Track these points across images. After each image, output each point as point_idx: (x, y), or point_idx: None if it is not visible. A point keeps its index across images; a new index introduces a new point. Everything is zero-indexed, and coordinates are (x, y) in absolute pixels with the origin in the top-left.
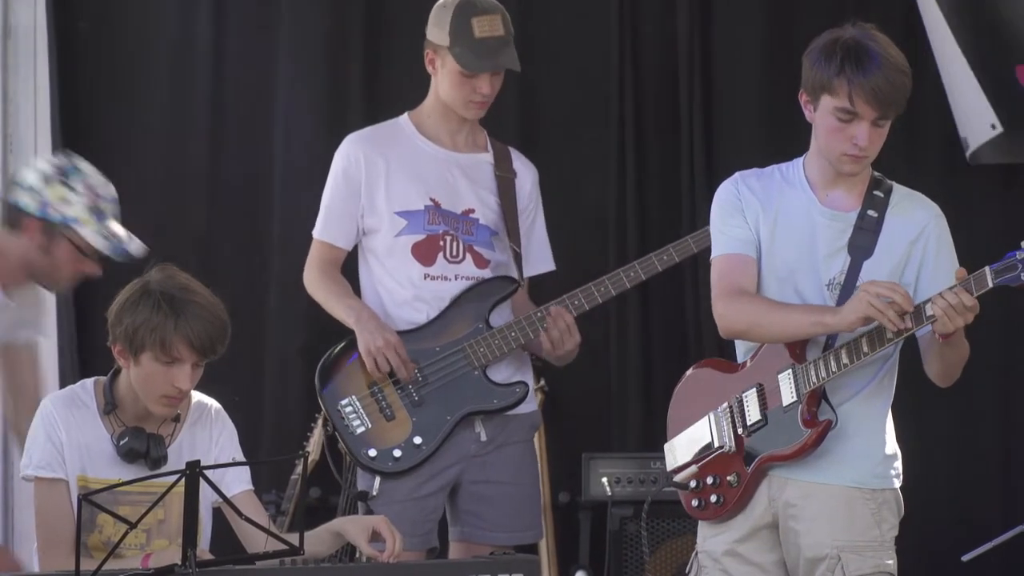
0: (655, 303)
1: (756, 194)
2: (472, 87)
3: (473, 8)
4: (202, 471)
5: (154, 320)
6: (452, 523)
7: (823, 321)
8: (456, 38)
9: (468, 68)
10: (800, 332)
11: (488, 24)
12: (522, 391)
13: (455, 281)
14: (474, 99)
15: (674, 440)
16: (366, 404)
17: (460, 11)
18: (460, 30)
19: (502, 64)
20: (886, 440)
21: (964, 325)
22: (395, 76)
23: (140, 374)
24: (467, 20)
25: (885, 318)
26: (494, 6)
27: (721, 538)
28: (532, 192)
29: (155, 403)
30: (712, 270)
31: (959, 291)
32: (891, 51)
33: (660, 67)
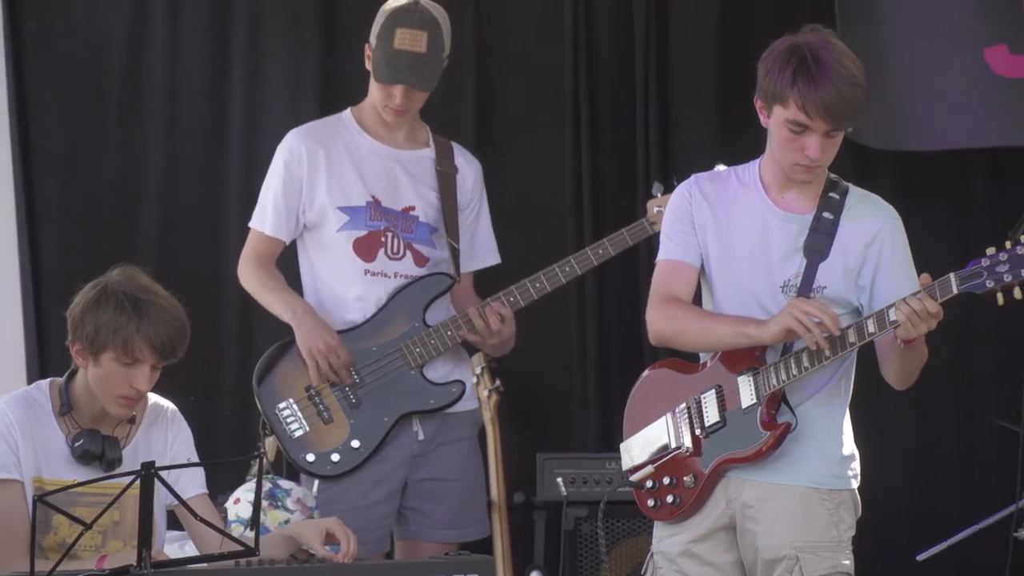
0: (612, 303)
1: (708, 198)
2: (387, 93)
3: (404, 19)
4: (157, 472)
5: (117, 321)
6: (397, 523)
7: (747, 332)
8: (378, 42)
9: (376, 77)
10: (724, 342)
11: (410, 38)
12: (458, 390)
13: (394, 279)
14: (389, 104)
15: (631, 440)
16: (303, 407)
17: (390, 17)
18: (384, 36)
19: (406, 82)
20: (843, 441)
21: (927, 331)
22: (351, 71)
23: (99, 374)
24: (392, 28)
25: (809, 336)
26: (427, 22)
27: (677, 539)
28: (475, 186)
29: (112, 404)
30: (654, 273)
31: (923, 297)
32: (846, 61)
33: (616, 63)
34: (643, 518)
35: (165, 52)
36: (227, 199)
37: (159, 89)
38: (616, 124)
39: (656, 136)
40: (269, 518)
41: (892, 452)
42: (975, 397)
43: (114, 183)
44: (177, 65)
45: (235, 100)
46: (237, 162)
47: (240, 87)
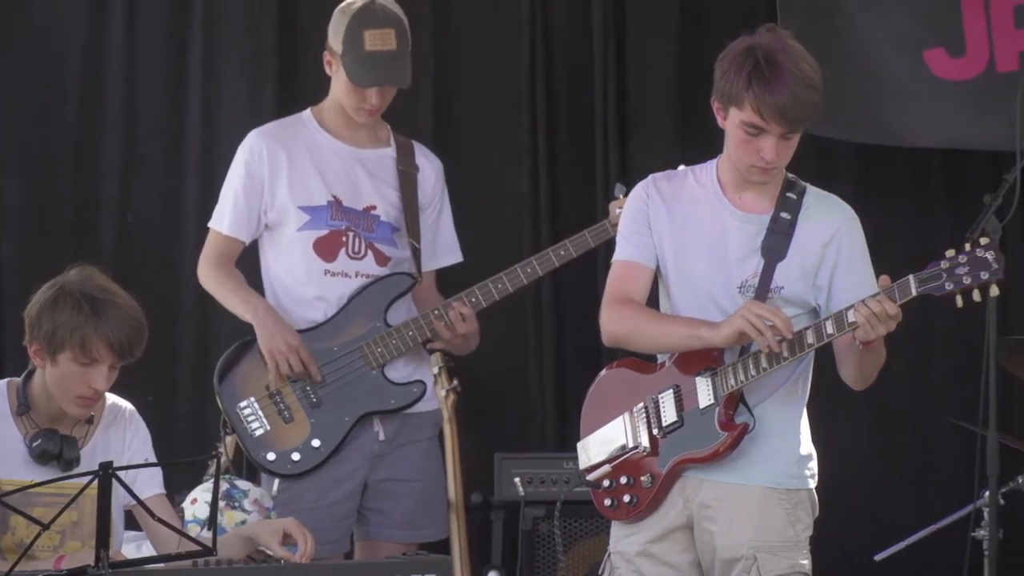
0: (570, 303)
1: (665, 198)
2: (362, 96)
3: (368, 20)
4: (115, 472)
5: (75, 320)
6: (357, 523)
7: (699, 335)
8: (348, 47)
9: (355, 82)
10: (677, 344)
11: (380, 38)
12: (419, 390)
13: (355, 278)
14: (364, 107)
15: (588, 439)
16: (264, 406)
17: (355, 21)
18: (352, 40)
19: (387, 82)
20: (801, 440)
21: (886, 333)
22: (309, 73)
23: (56, 374)
24: (360, 31)
25: (761, 338)
26: (390, 19)
27: (634, 538)
28: (436, 185)
29: (70, 403)
30: (609, 274)
31: (882, 299)
32: (802, 64)
33: (573, 62)
34: (601, 518)
35: (123, 54)
36: (185, 200)
37: (117, 90)
38: (574, 124)
39: (614, 136)
40: (226, 518)
41: (850, 452)
42: (933, 397)
43: (72, 184)
44: (135, 66)
45: (193, 101)
46: (195, 163)
47: (197, 88)
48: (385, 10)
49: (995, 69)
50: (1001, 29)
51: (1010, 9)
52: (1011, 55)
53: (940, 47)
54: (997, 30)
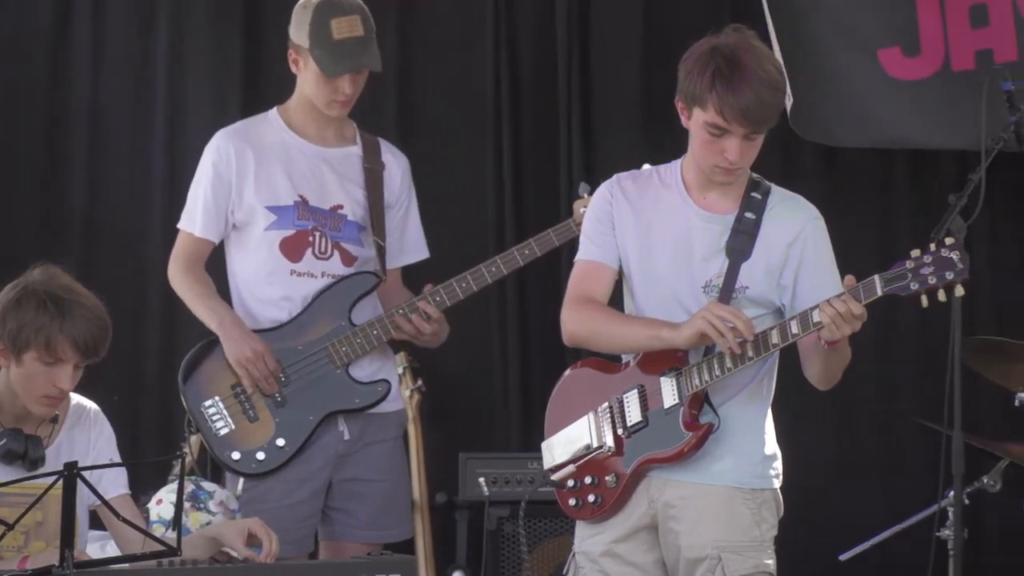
0: (534, 303)
1: (630, 198)
2: (334, 87)
3: (332, 9)
4: (79, 472)
5: (39, 320)
6: (321, 523)
7: (660, 336)
8: (315, 40)
9: (327, 71)
10: (637, 345)
11: (347, 25)
12: (384, 389)
13: (321, 278)
14: (336, 99)
15: (552, 439)
16: (229, 405)
17: (319, 12)
18: (319, 32)
19: (361, 66)
20: (766, 440)
21: (852, 333)
22: (276, 71)
23: (21, 374)
24: (326, 22)
25: (722, 340)
26: (353, 6)
27: (599, 538)
28: (403, 182)
29: (35, 403)
30: (571, 273)
31: (847, 299)
32: (766, 64)
33: (538, 60)
34: (565, 518)
35: (89, 52)
36: (151, 198)
37: (83, 89)
38: (539, 123)
39: (579, 135)
40: (191, 519)
41: (815, 452)
42: (898, 397)
43: (37, 182)
44: (101, 65)
45: (159, 100)
46: (161, 162)
47: (164, 87)
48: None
49: (951, 68)
50: (957, 28)
51: (966, 9)
52: (967, 54)
53: (895, 46)
54: (953, 29)
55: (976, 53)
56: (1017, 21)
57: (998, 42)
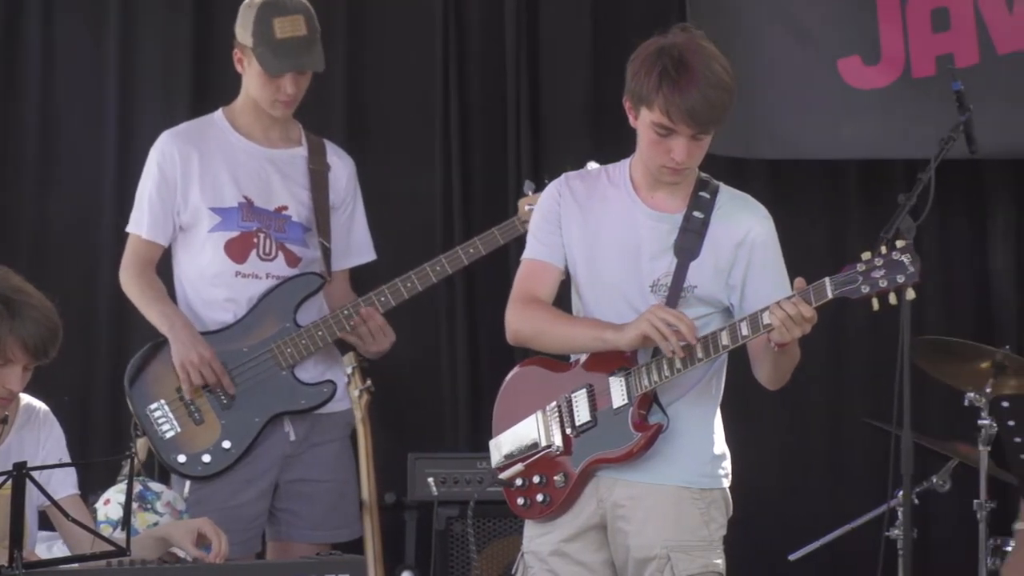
0: (481, 302)
1: (578, 198)
2: (276, 87)
3: (275, 8)
4: (28, 473)
5: None
6: (269, 523)
7: (603, 337)
8: (259, 39)
9: (269, 70)
10: (581, 346)
11: (290, 24)
12: (329, 390)
13: (266, 280)
14: (279, 98)
15: (500, 437)
16: (175, 408)
17: (262, 11)
18: (262, 31)
19: (303, 65)
20: (715, 440)
21: (801, 335)
22: (224, 71)
23: None
24: (269, 21)
25: (665, 343)
26: (297, 6)
27: (548, 538)
28: (349, 184)
29: None
30: (517, 272)
31: (798, 301)
32: (714, 65)
33: (486, 59)
34: (514, 518)
35: (38, 53)
36: (101, 199)
37: (33, 90)
38: (486, 122)
39: (527, 134)
40: (139, 520)
41: (765, 452)
42: (848, 397)
43: None
44: (51, 67)
45: (108, 100)
46: (111, 162)
47: (114, 87)
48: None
49: (911, 75)
50: (918, 34)
51: (927, 13)
52: (928, 60)
53: (855, 55)
54: (914, 35)
55: (937, 58)
56: (978, 23)
57: (959, 46)
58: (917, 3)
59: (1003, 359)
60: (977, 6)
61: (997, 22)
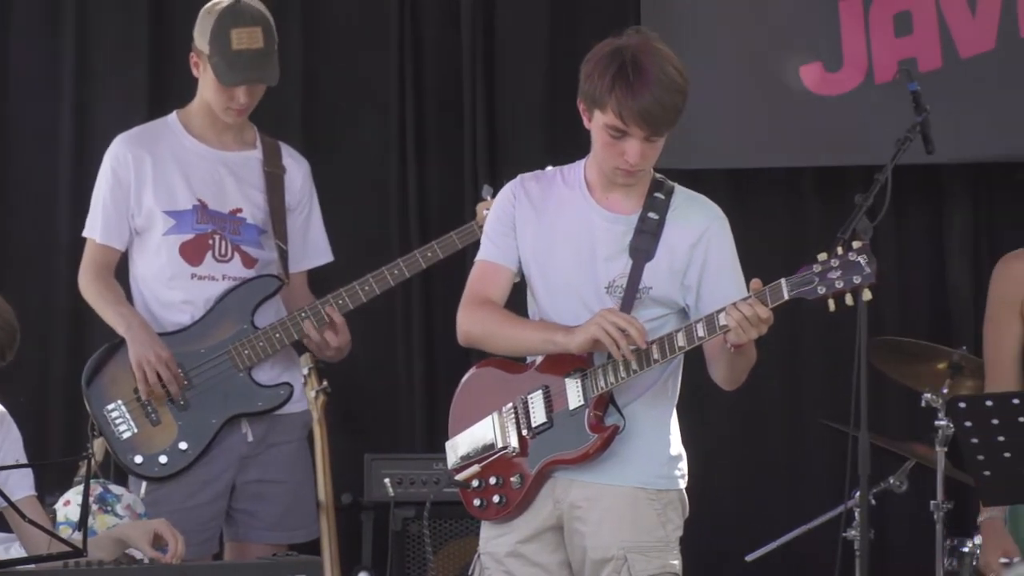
0: (438, 303)
1: (532, 199)
2: (230, 95)
3: (234, 19)
4: None
5: None
6: (226, 524)
7: (553, 340)
8: (215, 48)
9: (222, 81)
10: (531, 348)
11: (247, 36)
12: (286, 392)
13: (222, 281)
14: (232, 106)
15: (456, 438)
16: (132, 409)
17: (221, 20)
18: (219, 40)
19: (255, 79)
20: (671, 441)
21: (758, 336)
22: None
23: None
24: (227, 31)
25: (614, 347)
26: (257, 17)
27: (504, 539)
28: (304, 186)
29: None
30: (470, 273)
31: (754, 302)
32: (668, 68)
33: (442, 63)
34: (471, 519)
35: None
36: (57, 201)
37: None
38: (443, 125)
39: (483, 137)
40: (98, 522)
41: (721, 453)
42: (804, 398)
43: None
44: (6, 69)
45: (64, 103)
46: (67, 165)
47: (69, 90)
48: (251, 9)
49: (874, 80)
50: (880, 39)
51: (890, 17)
52: (890, 65)
53: (817, 61)
54: (876, 40)
55: (899, 63)
56: (941, 27)
57: (922, 50)
58: (880, 7)
59: (960, 360)
60: (940, 10)
61: (960, 26)
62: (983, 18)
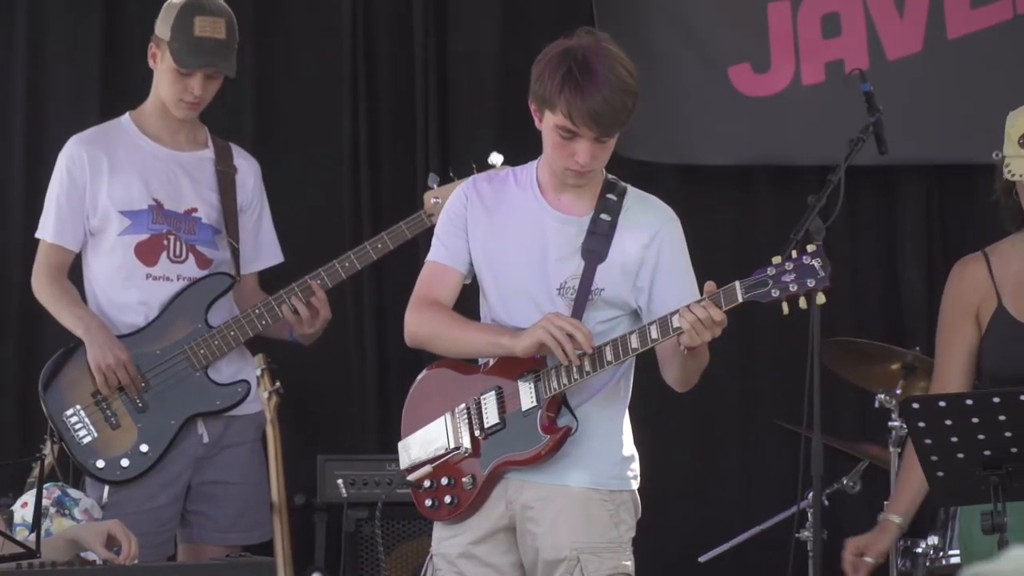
0: (391, 302)
1: (485, 200)
2: (184, 85)
3: (199, 8)
4: None
5: None
6: (180, 525)
7: (499, 343)
8: (176, 33)
9: (181, 64)
10: (476, 351)
11: (210, 25)
12: (244, 390)
13: (177, 282)
14: (186, 98)
15: (408, 439)
16: (91, 413)
17: (186, 9)
18: (181, 26)
19: (215, 64)
20: (623, 442)
21: (712, 339)
22: (133, 74)
23: None
24: (190, 18)
25: (560, 351)
26: (222, 10)
27: (456, 540)
28: (255, 187)
29: None
30: (420, 273)
31: (708, 305)
32: (618, 68)
33: (394, 56)
34: (423, 520)
35: None
36: (9, 203)
37: None
38: (395, 119)
39: (435, 129)
40: (55, 525)
41: (675, 453)
42: (758, 398)
43: None
44: None
45: (16, 105)
46: (19, 167)
47: (21, 92)
48: (216, 3)
49: (800, 82)
50: (808, 40)
51: (818, 19)
52: (818, 67)
53: (745, 62)
54: (804, 42)
55: (826, 64)
56: (869, 29)
57: (849, 51)
58: (808, 9)
59: (913, 360)
60: (868, 11)
61: (888, 27)
62: (911, 20)
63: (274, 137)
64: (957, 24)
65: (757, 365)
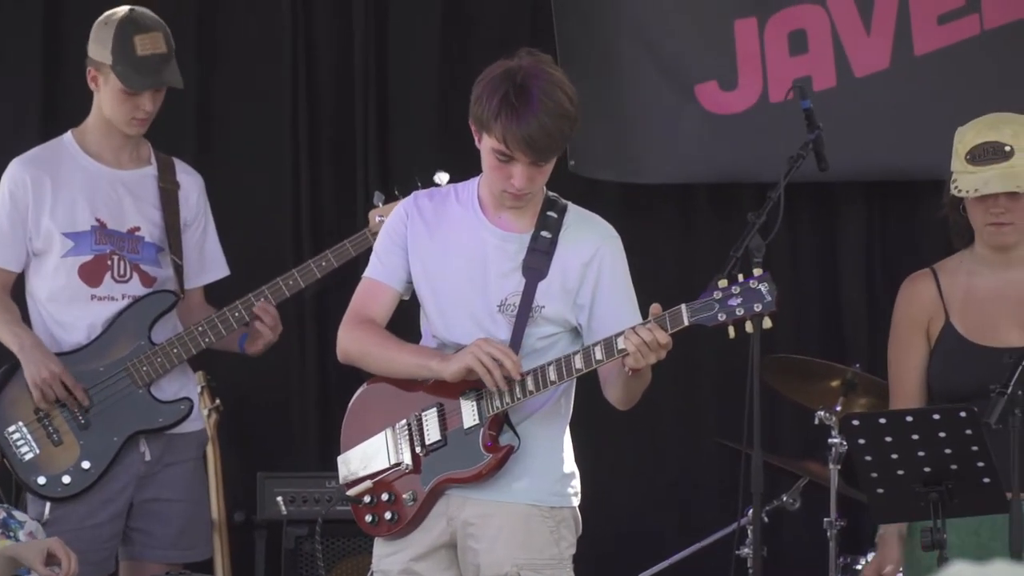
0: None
1: (425, 217)
2: (135, 105)
3: (135, 26)
4: None
5: None
6: (122, 543)
7: (428, 366)
8: (118, 56)
9: (131, 87)
10: (405, 372)
11: (150, 42)
12: (187, 407)
13: (121, 301)
14: (137, 116)
15: (348, 453)
16: (33, 430)
17: (121, 29)
18: (122, 48)
19: (165, 81)
20: (564, 459)
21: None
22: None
23: None
24: (129, 38)
25: (488, 378)
26: (155, 23)
27: (397, 556)
28: (199, 201)
29: None
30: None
31: (653, 327)
32: (556, 93)
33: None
34: (364, 537)
35: None
36: None
37: None
38: (336, 135)
39: (375, 147)
40: None
41: (615, 470)
42: (699, 416)
43: None
44: None
45: None
46: None
47: None
48: (148, 17)
49: (768, 100)
50: (775, 57)
51: (784, 35)
52: (785, 84)
53: (712, 80)
54: (771, 59)
55: (794, 81)
56: (836, 46)
57: (817, 69)
58: (775, 26)
59: (853, 377)
60: (835, 28)
61: (855, 44)
62: (878, 37)
63: (215, 153)
64: (924, 41)
65: (698, 382)
